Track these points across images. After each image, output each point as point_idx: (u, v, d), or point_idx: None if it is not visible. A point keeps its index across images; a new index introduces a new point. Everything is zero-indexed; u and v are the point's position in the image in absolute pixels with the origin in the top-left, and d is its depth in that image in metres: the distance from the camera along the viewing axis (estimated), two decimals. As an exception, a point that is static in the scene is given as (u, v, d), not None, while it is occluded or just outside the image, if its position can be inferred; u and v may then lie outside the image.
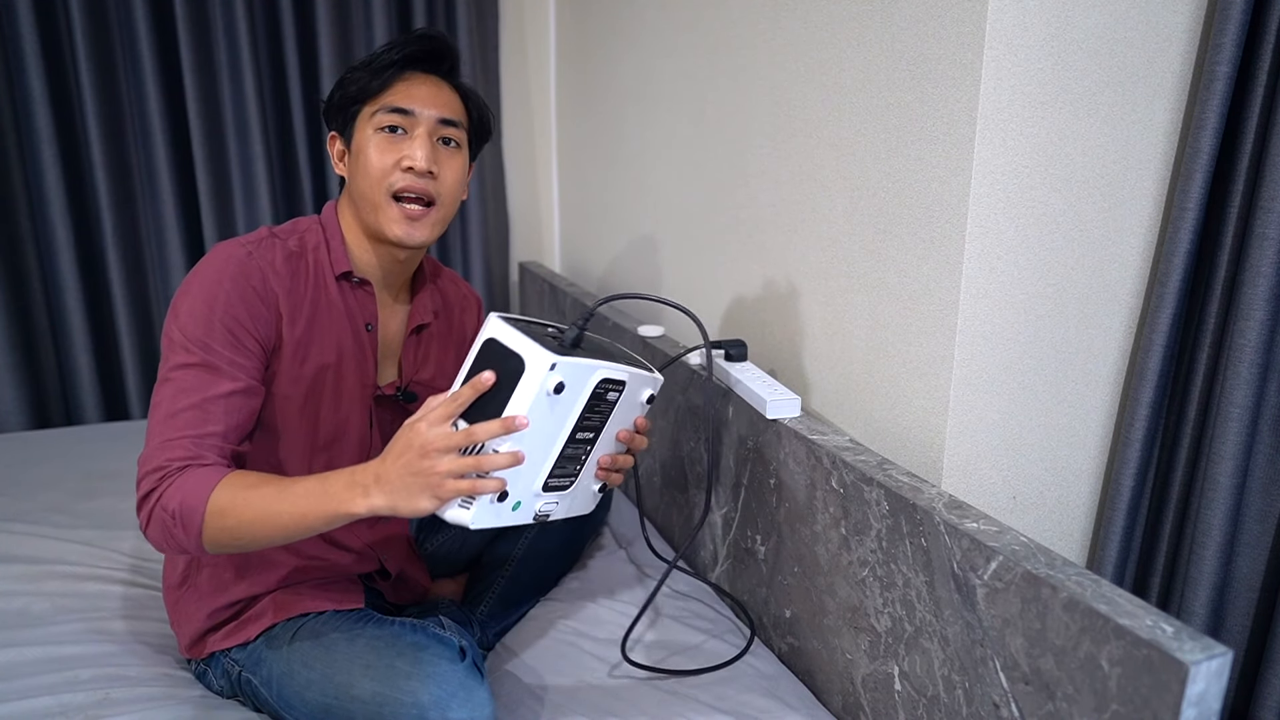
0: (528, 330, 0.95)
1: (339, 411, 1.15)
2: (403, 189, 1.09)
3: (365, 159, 1.10)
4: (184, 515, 0.94)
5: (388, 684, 0.99)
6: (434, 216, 1.13)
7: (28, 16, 1.87)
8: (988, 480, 1.12)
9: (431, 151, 1.10)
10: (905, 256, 1.11)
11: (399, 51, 1.11)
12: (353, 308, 1.15)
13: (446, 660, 1.01)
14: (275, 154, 2.14)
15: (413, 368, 1.23)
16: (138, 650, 1.24)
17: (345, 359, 1.14)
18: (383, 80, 1.10)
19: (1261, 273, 0.98)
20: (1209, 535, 1.04)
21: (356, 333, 1.15)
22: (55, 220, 1.98)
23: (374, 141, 1.10)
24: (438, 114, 1.11)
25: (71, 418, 2.11)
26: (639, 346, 1.64)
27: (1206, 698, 0.72)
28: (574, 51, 2.20)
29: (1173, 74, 1.06)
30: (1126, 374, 1.16)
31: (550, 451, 0.99)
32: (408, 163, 1.09)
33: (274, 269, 1.08)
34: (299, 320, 1.10)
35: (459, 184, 1.15)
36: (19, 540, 1.50)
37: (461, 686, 0.99)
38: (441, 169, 1.12)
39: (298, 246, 1.12)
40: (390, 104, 1.09)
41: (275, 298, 1.07)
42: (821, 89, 1.23)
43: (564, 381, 0.93)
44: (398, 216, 1.10)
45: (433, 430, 0.89)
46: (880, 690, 1.08)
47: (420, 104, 1.10)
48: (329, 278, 1.13)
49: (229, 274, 1.04)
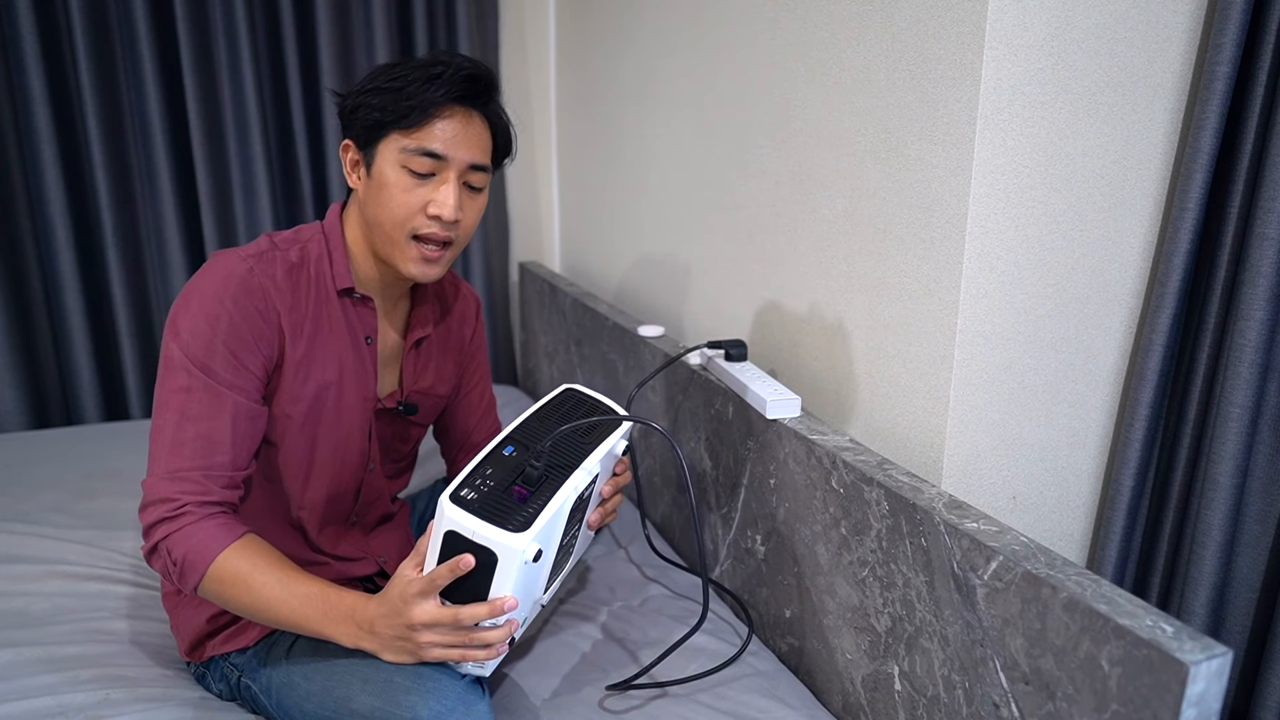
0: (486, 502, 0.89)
1: (339, 427, 1.14)
2: (426, 236, 1.07)
3: (388, 194, 1.05)
4: (185, 568, 0.97)
5: (387, 699, 0.97)
6: (449, 255, 1.11)
7: (28, 16, 1.87)
8: (988, 480, 1.12)
9: (459, 199, 1.07)
10: (905, 256, 1.11)
11: (441, 90, 1.03)
12: (353, 321, 1.14)
13: (446, 674, 0.99)
14: (275, 154, 2.14)
15: (413, 378, 1.23)
16: (138, 651, 1.24)
17: (346, 374, 1.13)
18: (420, 117, 1.04)
19: (1261, 273, 0.98)
20: (1209, 535, 1.04)
21: (357, 347, 1.14)
22: (55, 220, 1.98)
23: (399, 180, 1.05)
24: (470, 159, 1.07)
25: (71, 418, 2.11)
26: (639, 346, 1.65)
27: (1206, 698, 0.72)
28: (574, 51, 2.20)
29: (1173, 74, 1.06)
30: (1126, 374, 1.16)
31: (541, 579, 0.98)
32: (434, 210, 1.05)
33: (275, 284, 1.05)
34: (300, 338, 1.08)
35: (475, 225, 1.13)
36: (19, 540, 1.50)
37: (461, 701, 0.97)
38: (464, 213, 1.09)
39: (299, 258, 1.09)
40: (424, 147, 1.04)
41: (278, 316, 1.05)
42: (821, 89, 1.23)
43: (541, 547, 0.90)
44: (415, 257, 1.08)
45: (416, 609, 0.92)
46: (880, 690, 1.08)
47: (455, 149, 1.05)
48: (331, 291, 1.11)
49: (230, 292, 1.01)
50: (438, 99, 1.03)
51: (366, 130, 1.06)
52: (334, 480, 1.16)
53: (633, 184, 1.89)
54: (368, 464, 1.19)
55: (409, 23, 2.20)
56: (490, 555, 0.89)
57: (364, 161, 1.09)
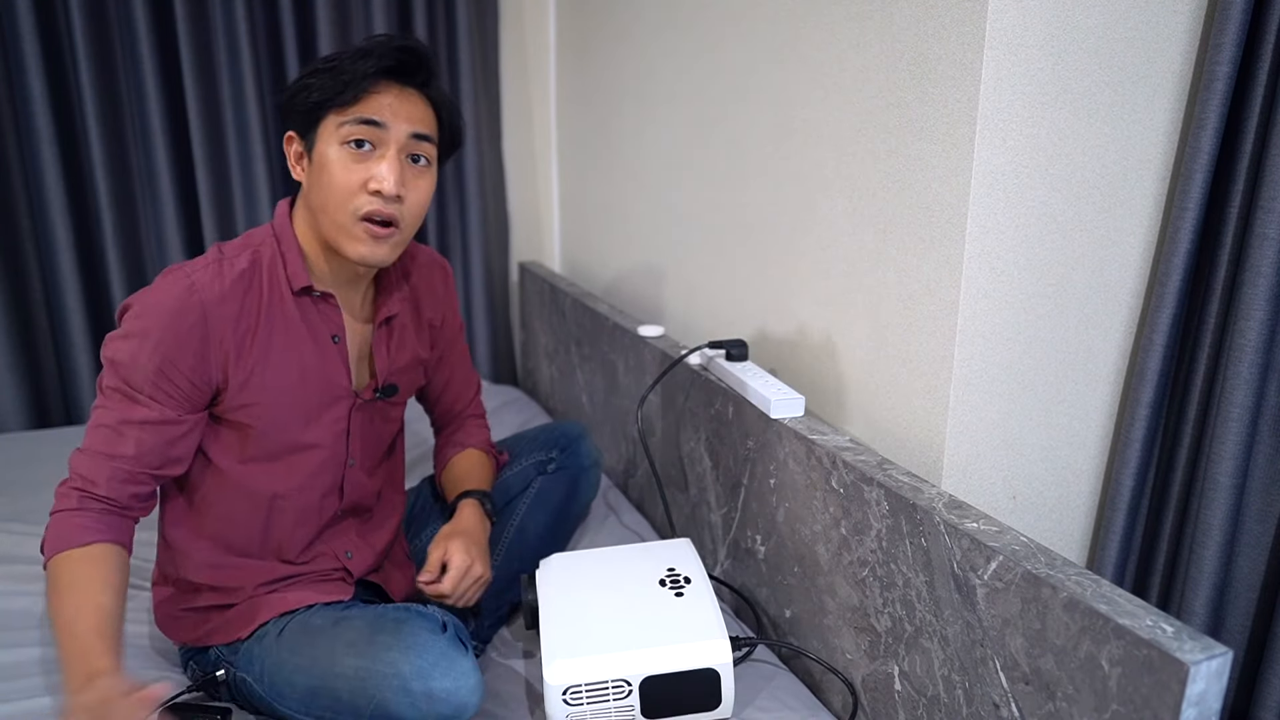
0: None
1: (308, 429, 1.13)
2: (369, 214, 1.04)
3: (329, 175, 1.04)
4: (43, 549, 1.02)
5: (370, 658, 1.00)
6: (396, 237, 1.08)
7: (28, 16, 1.87)
8: (988, 480, 1.12)
9: (401, 172, 1.05)
10: (905, 256, 1.11)
11: (372, 64, 1.04)
12: (314, 321, 1.12)
13: (427, 631, 1.02)
14: (275, 154, 2.14)
15: (387, 360, 1.21)
16: (138, 651, 1.24)
17: (308, 376, 1.12)
18: (353, 92, 1.03)
19: (1261, 273, 0.98)
20: (1209, 535, 1.04)
21: (321, 347, 1.13)
22: (55, 220, 1.98)
23: (339, 158, 1.04)
24: (410, 128, 1.06)
25: (71, 418, 2.11)
26: (639, 346, 1.65)
27: (1206, 698, 0.72)
28: (574, 51, 2.20)
29: (1173, 74, 1.06)
30: (1126, 374, 1.16)
31: None
32: (375, 185, 1.03)
33: (220, 297, 1.04)
34: (250, 348, 1.07)
35: (424, 205, 1.10)
36: (19, 540, 1.50)
37: (443, 656, 1.00)
38: (409, 190, 1.07)
39: (249, 263, 1.08)
40: (360, 115, 1.03)
41: (219, 334, 1.04)
42: (822, 89, 1.23)
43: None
44: (362, 236, 1.05)
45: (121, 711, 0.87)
46: (880, 690, 1.08)
47: (392, 116, 1.04)
48: (286, 294, 1.09)
49: (166, 311, 1.02)
50: (370, 71, 1.03)
51: (305, 115, 1.06)
52: (311, 479, 1.15)
53: (633, 184, 1.89)
54: (347, 461, 1.19)
55: (409, 23, 2.20)
56: None
57: (305, 148, 1.08)
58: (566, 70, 2.26)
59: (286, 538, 1.16)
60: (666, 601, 1.11)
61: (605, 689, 1.03)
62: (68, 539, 1.00)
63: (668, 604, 1.11)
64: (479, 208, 2.33)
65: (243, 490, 1.12)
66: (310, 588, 1.16)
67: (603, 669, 1.03)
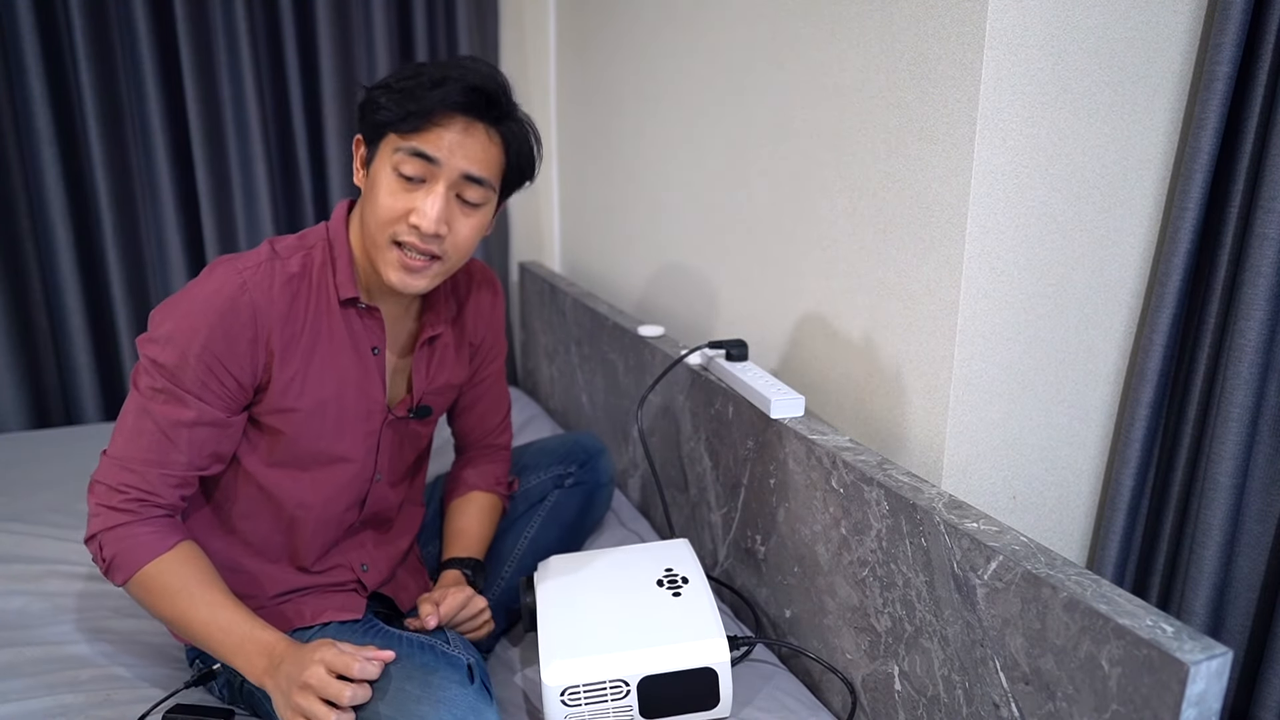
0: None
1: (342, 441, 1.12)
2: (405, 244, 1.02)
3: (377, 195, 1.02)
4: (114, 567, 1.01)
5: (397, 709, 0.97)
6: (436, 269, 1.05)
7: (28, 16, 1.87)
8: (988, 480, 1.12)
9: (445, 209, 1.01)
10: (905, 256, 1.11)
11: (440, 96, 0.99)
12: (358, 332, 1.11)
13: (456, 684, 0.99)
14: (275, 154, 2.14)
15: (425, 381, 1.19)
16: (138, 651, 1.24)
17: (346, 388, 1.10)
18: (416, 121, 1.00)
19: (1261, 273, 0.98)
20: (1209, 535, 1.04)
21: (361, 358, 1.11)
22: (55, 220, 1.98)
23: (388, 182, 1.01)
24: (464, 169, 1.02)
25: (71, 418, 2.11)
26: (639, 346, 1.64)
27: (1206, 698, 0.72)
28: (574, 51, 2.20)
29: (1173, 74, 1.06)
30: (1126, 374, 1.16)
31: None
32: (415, 219, 1.01)
33: (270, 298, 1.03)
34: (294, 354, 1.06)
35: (471, 240, 1.06)
36: (19, 540, 1.50)
37: (471, 710, 0.97)
38: (454, 227, 1.03)
39: (300, 267, 1.06)
40: (415, 147, 1.00)
41: (266, 335, 1.03)
42: (821, 88, 1.23)
43: None
44: (395, 263, 1.03)
45: (314, 672, 0.94)
46: (880, 690, 1.08)
47: (449, 154, 1.00)
48: (333, 302, 1.08)
49: (216, 308, 1.00)
50: (436, 105, 0.99)
51: (373, 128, 1.04)
52: (337, 490, 1.14)
53: (633, 184, 1.89)
54: (374, 475, 1.17)
55: (409, 23, 2.20)
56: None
57: (367, 158, 1.06)
58: (566, 70, 2.26)
59: (304, 544, 1.15)
60: (664, 602, 1.11)
61: (603, 689, 1.03)
62: (150, 548, 1.00)
63: (665, 604, 1.11)
64: (479, 208, 2.33)
65: (265, 493, 1.11)
66: (325, 599, 1.15)
67: (600, 669, 1.03)
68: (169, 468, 1.02)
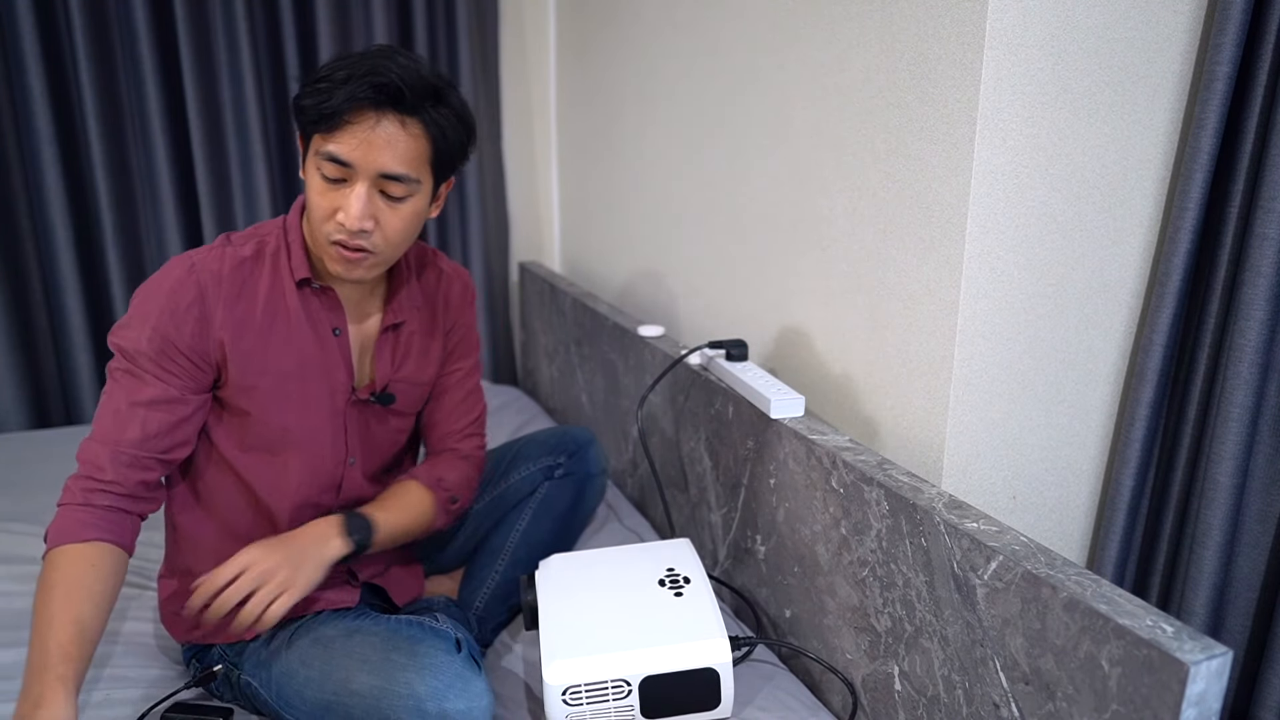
0: None
1: (307, 418, 1.14)
2: (337, 241, 1.04)
3: (309, 194, 1.06)
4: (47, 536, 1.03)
5: (385, 677, 0.99)
6: (372, 261, 1.07)
7: (28, 16, 1.86)
8: (988, 480, 1.12)
9: (366, 207, 1.02)
10: (905, 256, 1.11)
11: (345, 95, 0.99)
12: (316, 313, 1.13)
13: (443, 652, 1.02)
14: (275, 154, 2.14)
15: (389, 368, 1.21)
16: (138, 651, 1.24)
17: (309, 366, 1.13)
18: (329, 124, 1.00)
19: (1261, 273, 0.98)
20: (1209, 535, 1.04)
21: (322, 339, 1.14)
22: (55, 220, 1.98)
23: (316, 182, 1.04)
24: (378, 168, 1.01)
25: (71, 418, 2.11)
26: (639, 346, 1.65)
27: (1206, 698, 0.72)
28: (574, 51, 2.20)
29: (1173, 74, 1.06)
30: (1126, 374, 1.16)
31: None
32: (340, 218, 1.03)
33: (219, 279, 1.07)
34: (248, 330, 1.09)
35: (403, 231, 1.07)
36: (19, 540, 1.50)
37: (458, 677, 1.00)
38: (381, 221, 1.05)
39: (253, 252, 1.11)
40: (329, 152, 1.01)
41: (216, 313, 1.07)
42: (822, 88, 1.23)
43: None
44: (334, 256, 1.06)
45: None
46: (880, 690, 1.08)
47: (362, 156, 1.00)
48: (288, 284, 1.11)
49: (165, 291, 1.06)
50: (345, 104, 0.99)
51: (301, 128, 1.07)
52: (310, 474, 1.16)
53: (633, 183, 1.89)
54: (347, 458, 1.19)
55: (409, 23, 2.20)
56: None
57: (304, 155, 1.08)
58: (566, 71, 2.26)
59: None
60: (666, 601, 1.12)
61: (605, 689, 1.03)
62: (68, 533, 1.01)
63: (667, 604, 1.11)
64: (479, 208, 2.33)
65: (241, 480, 1.14)
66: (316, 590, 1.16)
67: (602, 669, 1.03)
68: (121, 445, 1.04)
